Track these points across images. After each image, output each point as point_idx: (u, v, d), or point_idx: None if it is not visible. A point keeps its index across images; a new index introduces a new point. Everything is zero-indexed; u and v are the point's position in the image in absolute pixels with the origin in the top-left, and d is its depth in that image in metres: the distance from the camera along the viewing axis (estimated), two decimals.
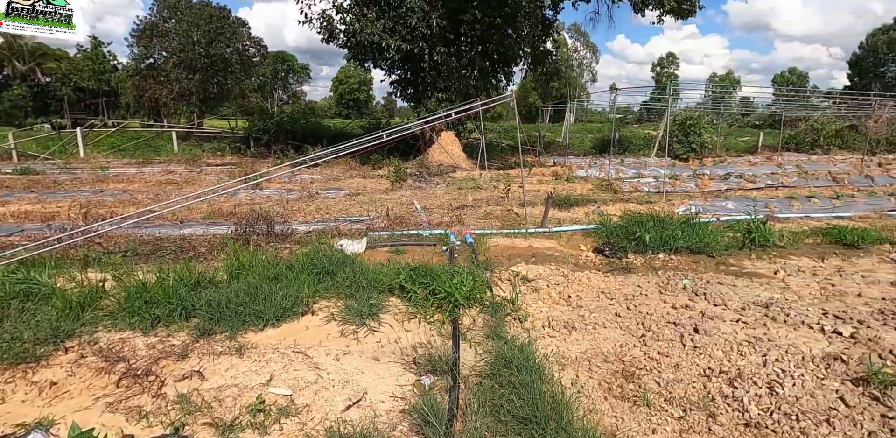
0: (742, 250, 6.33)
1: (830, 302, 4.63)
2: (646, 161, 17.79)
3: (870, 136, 14.06)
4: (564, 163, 16.41)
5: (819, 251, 6.41)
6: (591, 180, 13.04)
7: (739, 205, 9.08)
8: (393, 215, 7.48)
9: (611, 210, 8.61)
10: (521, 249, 6.21)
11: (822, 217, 8.55)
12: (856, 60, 53.40)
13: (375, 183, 11.72)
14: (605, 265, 5.62)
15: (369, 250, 6.06)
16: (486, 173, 12.71)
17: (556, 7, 18.22)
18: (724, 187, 12.02)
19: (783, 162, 17.12)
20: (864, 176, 13.19)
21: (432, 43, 14.25)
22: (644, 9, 15.68)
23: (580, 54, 62.45)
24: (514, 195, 9.96)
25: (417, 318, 4.08)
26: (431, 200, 9.59)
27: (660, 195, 10.72)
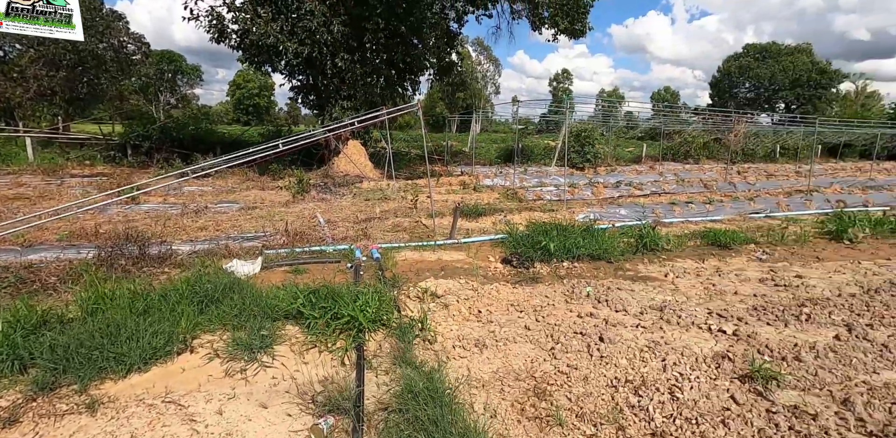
0: (636, 254, 6.73)
1: (713, 301, 5.01)
2: (547, 170, 18.72)
3: (731, 148, 16.07)
4: (471, 172, 16.70)
5: (699, 253, 7.02)
6: (498, 189, 13.35)
7: (630, 211, 9.77)
8: (293, 231, 6.92)
9: (517, 219, 8.79)
10: (431, 262, 6.03)
11: (700, 221, 9.49)
12: (715, 81, 61.66)
13: (275, 195, 10.91)
14: (514, 276, 5.62)
15: (265, 271, 5.49)
16: (394, 184, 12.46)
17: (461, 20, 18.64)
18: (617, 194, 12.95)
19: (663, 171, 19.00)
20: (728, 183, 15.01)
21: (335, 49, 13.76)
22: (541, 27, 16.56)
23: (484, 67, 65.09)
24: (423, 206, 9.81)
25: (318, 347, 3.69)
26: (336, 212, 9.11)
27: (561, 203, 11.23)
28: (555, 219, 8.86)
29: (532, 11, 16.29)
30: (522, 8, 16.80)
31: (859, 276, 6.09)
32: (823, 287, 5.52)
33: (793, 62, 56.36)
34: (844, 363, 3.69)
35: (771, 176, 19.26)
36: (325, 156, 14.92)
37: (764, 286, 5.58)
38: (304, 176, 11.08)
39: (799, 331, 4.31)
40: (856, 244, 7.92)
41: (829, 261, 6.82)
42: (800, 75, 55.54)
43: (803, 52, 57.73)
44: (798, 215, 10.44)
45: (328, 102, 15.01)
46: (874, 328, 4.37)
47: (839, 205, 12.26)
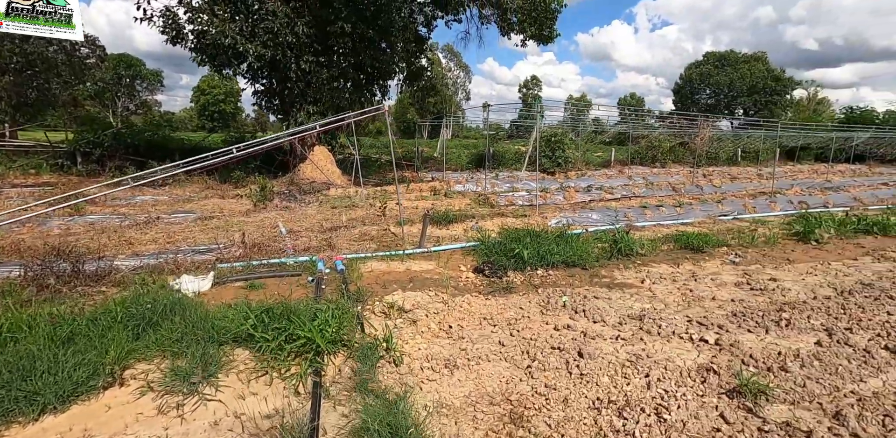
0: (611, 260, 6.56)
1: (692, 308, 4.84)
2: (518, 175, 18.64)
3: (697, 151, 16.36)
4: (442, 178, 16.44)
5: (674, 257, 6.91)
6: (469, 195, 13.11)
7: (603, 216, 9.67)
8: (250, 242, 6.45)
9: (489, 226, 8.54)
10: (399, 273, 5.68)
11: (671, 224, 9.45)
12: (678, 88, 63.67)
13: (236, 204, 10.35)
14: (486, 286, 5.33)
15: (217, 288, 5.03)
16: (363, 190, 12.06)
17: (430, 24, 18.46)
18: (588, 198, 12.90)
19: (632, 174, 19.20)
20: (696, 186, 15.22)
21: (299, 51, 13.31)
22: (509, 32, 16.53)
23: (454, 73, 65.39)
24: (392, 213, 9.46)
25: (270, 374, 3.29)
26: (300, 221, 8.65)
27: (533, 208, 11.06)
28: (528, 225, 8.66)
29: (501, 17, 16.25)
30: (491, 13, 16.74)
31: (830, 277, 6.07)
32: (798, 290, 5.45)
33: (750, 70, 58.82)
34: (830, 371, 3.53)
35: (735, 179, 19.72)
36: (290, 163, 14.39)
37: (740, 290, 5.47)
38: (266, 183, 10.56)
39: (780, 337, 4.16)
40: (822, 245, 7.99)
41: (799, 263, 6.81)
42: (756, 82, 57.92)
43: (759, 60, 60.37)
44: (765, 217, 10.56)
45: (293, 106, 14.50)
46: (853, 333, 4.27)
47: (802, 206, 12.55)
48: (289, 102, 14.62)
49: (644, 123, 24.47)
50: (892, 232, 8.84)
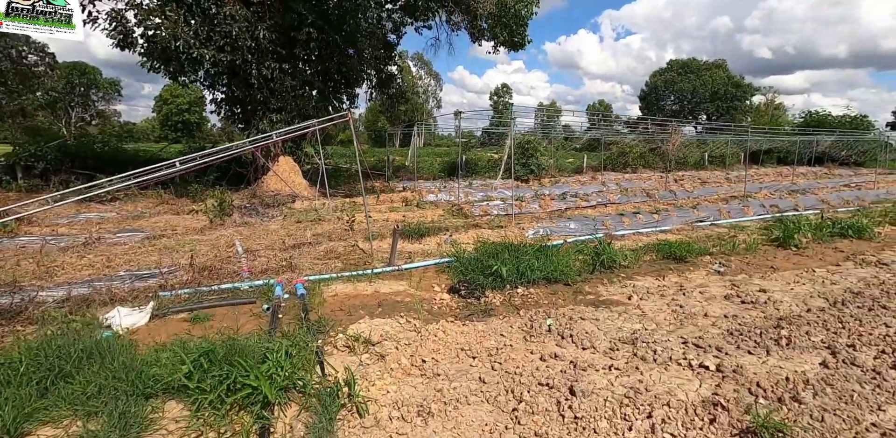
0: (594, 273, 6.19)
1: (685, 327, 4.48)
2: (492, 183, 18.33)
3: (669, 156, 16.42)
4: (414, 187, 15.96)
5: (658, 268, 6.60)
6: (442, 205, 12.66)
7: (580, 225, 9.36)
8: (201, 264, 5.81)
9: (463, 239, 8.10)
10: (366, 296, 5.15)
11: (650, 231, 9.22)
12: (644, 95, 65.28)
13: (191, 220, 9.59)
14: (463, 309, 4.86)
15: (157, 321, 4.40)
16: (330, 203, 11.46)
17: (399, 31, 18.09)
18: (564, 206, 12.64)
19: (605, 180, 19.16)
20: (669, 191, 15.20)
21: (261, 57, 12.67)
22: (480, 39, 16.30)
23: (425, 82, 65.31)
24: (361, 227, 8.91)
25: (205, 435, 2.72)
26: (260, 238, 8.00)
27: (509, 218, 10.69)
28: (504, 237, 8.26)
29: (471, 23, 16.00)
30: (461, 19, 16.48)
31: (818, 286, 5.86)
32: (790, 302, 5.18)
33: (711, 77, 60.89)
34: (845, 399, 3.19)
35: (705, 183, 19.95)
36: (252, 174, 13.65)
37: (731, 304, 5.16)
38: (225, 197, 9.85)
39: (783, 359, 3.83)
40: (802, 250, 7.87)
41: (784, 270, 6.61)
42: (718, 89, 59.92)
43: (720, 67, 62.56)
44: (741, 222, 10.48)
45: (255, 115, 13.80)
46: (857, 350, 3.98)
47: (773, 210, 12.60)
48: (251, 111, 13.91)
49: (614, 130, 24.68)
50: (867, 235, 8.83)
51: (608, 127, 24.93)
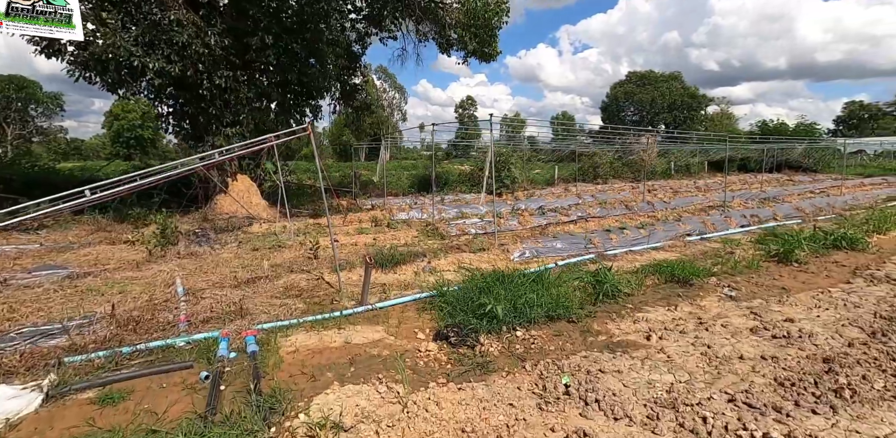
0: (597, 304, 5.43)
1: (724, 377, 3.73)
2: (464, 198, 17.60)
3: (645, 167, 16.14)
4: (384, 205, 15.00)
5: (665, 295, 5.91)
6: (415, 224, 11.77)
7: (568, 244, 8.66)
8: (127, 314, 4.70)
9: (443, 265, 7.22)
10: (335, 351, 4.18)
11: (642, 250, 8.60)
12: (605, 106, 66.84)
13: (129, 252, 8.32)
14: (456, 363, 3.96)
15: (54, 405, 3.30)
16: (292, 225, 10.38)
17: (363, 41, 17.27)
18: (545, 222, 11.97)
19: (580, 193, 18.75)
20: (646, 203, 14.83)
21: (212, 66, 11.56)
22: (449, 49, 15.69)
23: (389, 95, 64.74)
24: (327, 253, 7.91)
25: None
26: (208, 273, 6.88)
27: (489, 238, 9.91)
28: (489, 262, 7.44)
29: (440, 33, 15.37)
30: (429, 29, 15.84)
31: (843, 310, 5.28)
32: (824, 334, 4.54)
33: (668, 88, 63.03)
34: None
35: (677, 193, 19.85)
36: (202, 195, 12.39)
37: (761, 339, 4.48)
38: (169, 224, 8.64)
39: (856, 419, 3.11)
40: (804, 266, 7.40)
41: (797, 292, 6.04)
42: (675, 99, 61.99)
43: (676, 79, 64.87)
44: (730, 235, 10.05)
45: (207, 130, 12.60)
46: None
47: (755, 220, 12.33)
48: (203, 126, 12.69)
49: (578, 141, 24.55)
50: (860, 246, 8.50)
51: (573, 138, 24.85)
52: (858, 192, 18.35)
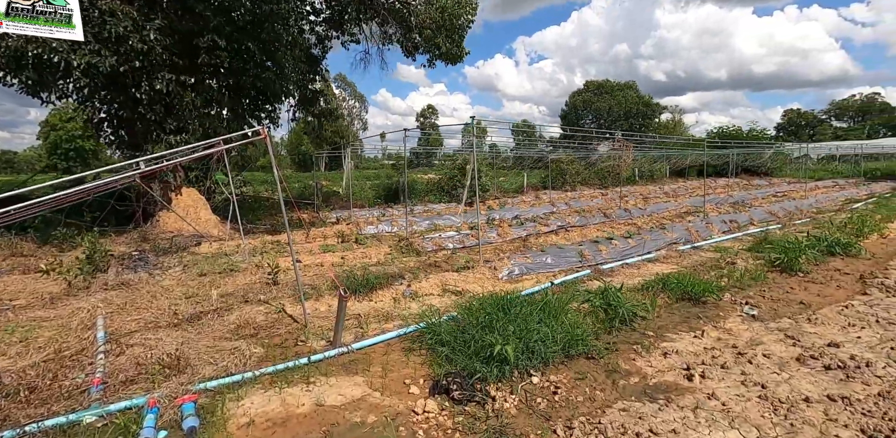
0: (613, 333, 4.66)
1: (801, 432, 3.00)
2: (434, 208, 16.75)
3: (622, 173, 15.81)
4: (349, 218, 13.91)
5: (682, 317, 5.22)
6: (386, 239, 10.79)
7: (557, 258, 7.93)
8: (18, 378, 3.52)
9: (426, 288, 6.30)
10: (304, 420, 3.18)
11: (636, 262, 7.99)
12: (564, 114, 68.03)
13: (46, 282, 6.94)
14: (465, 431, 3.04)
15: None
16: (247, 243, 9.19)
17: (323, 44, 16.24)
18: (524, 233, 11.26)
19: (553, 200, 18.26)
20: (623, 210, 14.43)
21: (152, 66, 10.27)
22: (414, 53, 14.92)
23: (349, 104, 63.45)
24: (289, 277, 6.84)
25: None
26: (142, 308, 5.67)
27: (470, 253, 9.08)
28: (478, 282, 6.59)
29: (405, 35, 14.58)
30: (394, 32, 15.03)
31: (880, 329, 4.75)
32: (880, 362, 3.93)
33: (624, 97, 64.90)
34: None
35: (647, 199, 19.71)
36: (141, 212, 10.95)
37: (814, 371, 3.81)
38: (99, 246, 7.32)
39: None
40: (809, 275, 6.96)
41: (818, 307, 5.51)
42: (630, 107, 63.82)
43: (631, 88, 66.92)
44: (719, 243, 9.64)
45: (147, 138, 11.21)
46: None
47: (734, 225, 12.09)
48: (142, 133, 11.28)
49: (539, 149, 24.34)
50: (853, 251, 8.21)
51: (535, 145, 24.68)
52: (820, 195, 18.75)
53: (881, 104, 74.92)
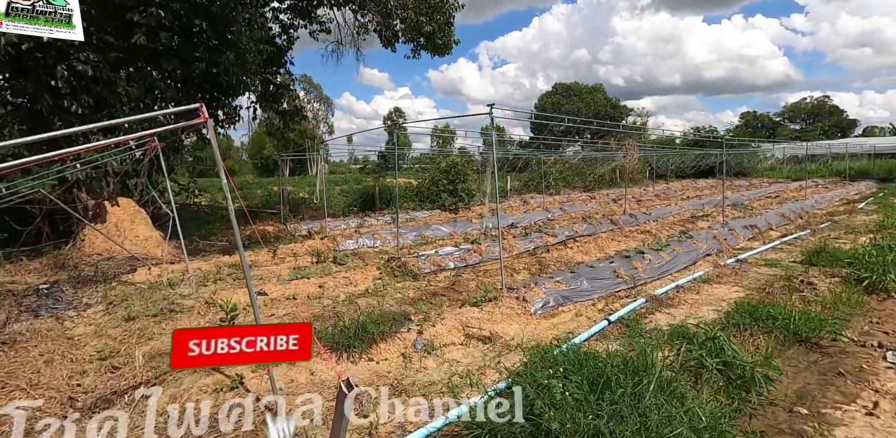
0: (744, 411, 3.13)
1: None
2: (417, 216, 15.07)
3: (626, 175, 14.59)
4: (323, 229, 11.99)
5: (816, 374, 3.76)
6: (371, 257, 9.04)
7: (592, 281, 6.40)
8: None
9: (442, 334, 4.61)
10: None
11: (688, 283, 6.55)
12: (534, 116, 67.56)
13: None
14: None
15: None
16: (192, 267, 7.26)
17: (288, 33, 14.30)
18: (531, 245, 9.74)
19: (545, 206, 16.89)
20: (629, 215, 13.16)
21: (69, 45, 8.18)
22: (394, 42, 13.23)
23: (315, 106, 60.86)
24: (251, 320, 5.01)
25: None
26: (26, 384, 3.75)
27: (475, 272, 7.47)
28: (508, 320, 4.98)
29: (382, 23, 12.88)
30: (370, 19, 13.30)
31: None
32: None
33: (592, 99, 65.18)
34: None
35: (641, 202, 18.68)
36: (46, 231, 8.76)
37: None
38: None
39: None
40: None
41: None
42: (599, 110, 64.07)
43: (598, 91, 67.30)
44: (763, 254, 8.40)
45: (68, 136, 9.03)
46: None
47: (756, 231, 11.01)
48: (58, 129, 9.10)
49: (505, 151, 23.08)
50: None
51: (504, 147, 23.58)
52: (816, 195, 18.14)
53: (830, 107, 78.22)
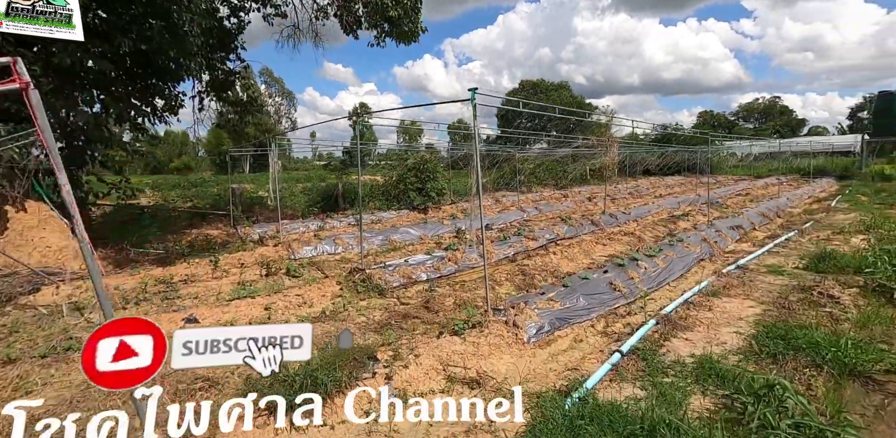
0: None
1: None
2: (383, 217, 13.99)
3: (607, 173, 13.98)
4: (278, 234, 10.71)
5: (892, 426, 2.99)
6: (331, 267, 7.92)
7: (590, 299, 5.54)
8: None
9: (418, 378, 3.62)
10: None
11: (694, 297, 5.79)
12: (501, 113, 67.36)
13: None
14: None
15: None
16: (111, 284, 5.99)
17: (238, 15, 12.82)
18: (511, 250, 8.85)
19: (520, 205, 16.11)
20: (609, 215, 12.50)
21: None
22: (356, 29, 12.04)
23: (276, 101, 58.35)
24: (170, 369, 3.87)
25: None
26: None
27: (451, 284, 6.51)
28: (499, 354, 4.05)
29: (343, 6, 11.68)
30: (329, 2, 12.07)
31: None
32: None
33: (559, 96, 65.31)
34: None
35: (615, 200, 18.21)
36: None
37: None
38: None
39: None
40: None
41: None
42: None
43: (564, 88, 67.59)
44: (761, 260, 7.82)
45: None
46: None
47: (741, 231, 10.54)
48: None
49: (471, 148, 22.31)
50: None
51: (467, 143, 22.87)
52: (786, 193, 18.12)
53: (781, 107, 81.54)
